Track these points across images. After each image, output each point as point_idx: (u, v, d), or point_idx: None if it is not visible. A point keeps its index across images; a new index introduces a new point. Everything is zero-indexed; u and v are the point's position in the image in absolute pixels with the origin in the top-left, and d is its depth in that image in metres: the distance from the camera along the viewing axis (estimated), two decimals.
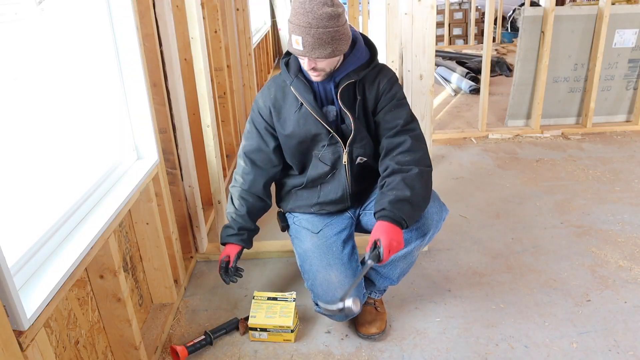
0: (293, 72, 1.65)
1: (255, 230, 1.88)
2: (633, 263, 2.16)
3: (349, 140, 1.66)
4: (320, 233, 1.78)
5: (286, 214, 1.93)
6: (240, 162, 1.83)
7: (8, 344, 0.97)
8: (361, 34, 1.68)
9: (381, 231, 1.52)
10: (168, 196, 1.96)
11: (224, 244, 1.86)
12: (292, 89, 1.65)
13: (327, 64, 1.55)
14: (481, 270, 2.16)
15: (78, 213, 1.42)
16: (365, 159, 1.72)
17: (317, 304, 1.75)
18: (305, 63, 1.54)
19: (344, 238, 1.78)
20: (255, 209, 1.85)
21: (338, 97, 1.62)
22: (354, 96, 1.65)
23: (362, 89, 1.65)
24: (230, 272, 1.80)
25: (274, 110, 1.71)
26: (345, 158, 1.69)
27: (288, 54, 1.71)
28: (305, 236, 1.80)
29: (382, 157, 1.67)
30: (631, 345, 1.71)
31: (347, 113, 1.63)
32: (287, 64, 1.69)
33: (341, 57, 1.59)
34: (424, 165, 1.61)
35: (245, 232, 1.84)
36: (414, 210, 1.56)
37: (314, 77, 1.59)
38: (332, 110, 1.67)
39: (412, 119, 1.66)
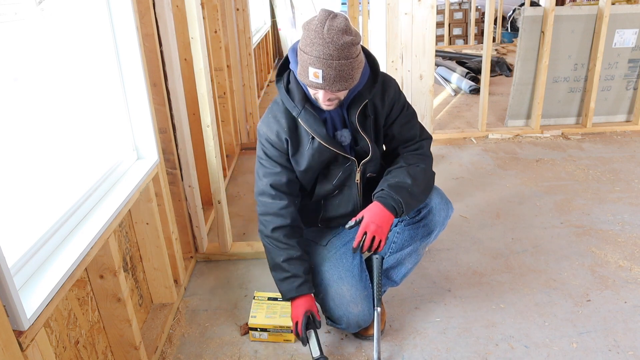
0: (298, 102, 1.51)
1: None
2: (633, 263, 2.16)
3: (364, 160, 1.62)
4: (329, 244, 1.73)
5: None
6: (268, 200, 1.61)
7: (8, 344, 0.97)
8: None
9: (368, 209, 1.55)
10: (168, 196, 1.96)
11: (292, 298, 1.63)
12: (301, 122, 1.52)
13: (344, 94, 1.48)
14: (481, 270, 2.16)
15: (78, 213, 1.42)
16: (374, 174, 1.72)
17: (328, 318, 1.74)
18: (321, 96, 1.43)
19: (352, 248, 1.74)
20: (303, 241, 1.69)
21: (356, 121, 1.54)
22: (366, 115, 1.59)
23: (372, 106, 1.59)
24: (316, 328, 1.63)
25: (290, 143, 1.56)
26: (357, 176, 1.66)
27: (282, 72, 1.57)
28: (312, 249, 1.74)
29: (395, 160, 1.68)
30: (631, 345, 1.71)
31: (364, 136, 1.58)
32: (287, 90, 1.54)
33: None
34: (430, 166, 1.68)
35: (310, 275, 1.65)
36: (412, 198, 1.57)
37: (327, 106, 1.48)
38: (345, 133, 1.58)
39: (422, 126, 1.72)
